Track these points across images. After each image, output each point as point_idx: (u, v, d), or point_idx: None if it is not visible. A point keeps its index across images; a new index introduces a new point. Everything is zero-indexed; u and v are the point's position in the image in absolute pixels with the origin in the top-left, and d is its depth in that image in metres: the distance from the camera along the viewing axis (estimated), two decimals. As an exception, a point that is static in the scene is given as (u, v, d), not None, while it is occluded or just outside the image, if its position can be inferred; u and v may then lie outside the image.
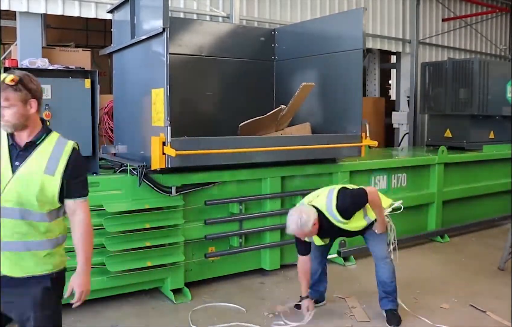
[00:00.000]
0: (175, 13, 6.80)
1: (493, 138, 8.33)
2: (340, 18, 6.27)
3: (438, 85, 8.44)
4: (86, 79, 4.61)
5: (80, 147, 2.81)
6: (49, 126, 3.91)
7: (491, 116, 8.19)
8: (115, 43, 5.47)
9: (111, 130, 5.85)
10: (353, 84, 5.56)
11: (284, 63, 6.66)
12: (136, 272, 4.55)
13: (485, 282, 5.37)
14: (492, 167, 7.86)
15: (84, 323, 4.30)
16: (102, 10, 6.27)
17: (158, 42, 4.42)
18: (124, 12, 5.20)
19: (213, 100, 6.35)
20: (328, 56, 5.86)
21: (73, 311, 4.45)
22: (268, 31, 6.89)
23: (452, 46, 10.58)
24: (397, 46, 9.55)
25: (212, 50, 6.35)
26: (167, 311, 4.54)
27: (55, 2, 6.03)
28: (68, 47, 6.91)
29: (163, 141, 4.32)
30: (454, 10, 10.48)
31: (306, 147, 5.32)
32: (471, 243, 7.01)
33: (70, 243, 2.89)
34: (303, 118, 6.04)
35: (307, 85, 5.53)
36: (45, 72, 4.58)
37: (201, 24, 6.47)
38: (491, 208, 7.83)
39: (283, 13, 7.87)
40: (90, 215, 2.81)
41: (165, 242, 4.69)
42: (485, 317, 4.50)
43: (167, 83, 4.25)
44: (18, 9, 5.89)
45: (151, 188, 4.62)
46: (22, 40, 6.02)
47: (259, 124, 5.49)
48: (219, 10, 7.24)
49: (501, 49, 11.65)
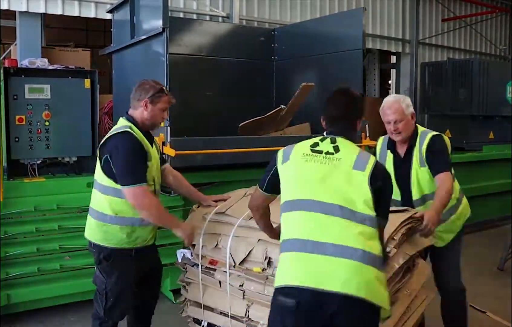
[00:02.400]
0: (175, 13, 6.79)
1: (493, 139, 8.33)
2: (340, 18, 6.28)
3: (438, 85, 8.43)
4: (85, 79, 4.61)
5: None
6: (49, 126, 4.00)
7: (491, 116, 8.18)
8: (114, 43, 5.47)
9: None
10: (353, 84, 5.49)
11: (284, 63, 6.66)
12: (135, 272, 4.54)
13: (485, 283, 5.36)
14: (492, 167, 7.85)
15: (84, 323, 4.29)
16: (102, 10, 6.26)
17: (157, 42, 4.42)
18: (123, 12, 5.20)
19: (213, 100, 6.34)
20: (328, 56, 5.86)
21: (73, 310, 4.47)
22: (268, 31, 6.89)
23: (452, 46, 10.57)
24: (396, 46, 9.55)
25: (212, 50, 6.35)
26: (167, 311, 4.53)
27: (55, 2, 6.02)
28: (68, 47, 6.89)
29: (162, 141, 4.32)
30: (454, 10, 10.48)
31: (306, 147, 5.31)
32: (471, 244, 6.99)
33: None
34: (303, 118, 6.03)
35: (307, 85, 5.53)
36: (44, 72, 4.57)
37: (201, 24, 6.46)
38: (491, 208, 7.83)
39: (283, 13, 7.87)
40: None
41: (165, 242, 4.68)
42: (485, 317, 4.49)
43: (166, 83, 4.25)
44: (17, 9, 5.88)
45: (151, 188, 4.61)
46: (22, 40, 6.01)
47: (259, 124, 5.48)
48: (219, 10, 7.23)
49: (501, 49, 11.64)
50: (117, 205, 2.98)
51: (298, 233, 2.23)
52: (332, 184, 2.23)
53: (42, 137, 4.44)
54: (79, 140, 4.60)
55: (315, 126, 5.98)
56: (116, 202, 2.98)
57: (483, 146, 8.08)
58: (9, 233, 4.13)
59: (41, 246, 4.23)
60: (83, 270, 4.38)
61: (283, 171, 2.40)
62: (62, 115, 4.50)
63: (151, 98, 3.08)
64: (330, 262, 2.13)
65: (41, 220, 4.24)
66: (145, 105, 3.07)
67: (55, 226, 4.26)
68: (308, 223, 2.22)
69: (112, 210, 3.00)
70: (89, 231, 3.14)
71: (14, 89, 4.34)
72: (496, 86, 8.12)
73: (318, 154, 2.31)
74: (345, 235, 2.15)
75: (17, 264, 4.19)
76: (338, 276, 2.11)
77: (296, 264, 2.20)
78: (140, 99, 3.08)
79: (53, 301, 4.39)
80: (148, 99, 3.07)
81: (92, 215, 3.11)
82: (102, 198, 3.02)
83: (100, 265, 3.10)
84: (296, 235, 2.23)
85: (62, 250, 4.29)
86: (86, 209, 4.35)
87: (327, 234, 2.17)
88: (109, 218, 3.01)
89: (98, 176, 3.08)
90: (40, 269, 4.23)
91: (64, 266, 4.31)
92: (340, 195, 2.20)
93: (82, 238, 4.34)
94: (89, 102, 4.63)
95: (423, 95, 8.76)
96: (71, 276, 4.36)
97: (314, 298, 2.12)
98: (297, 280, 2.16)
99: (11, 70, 4.34)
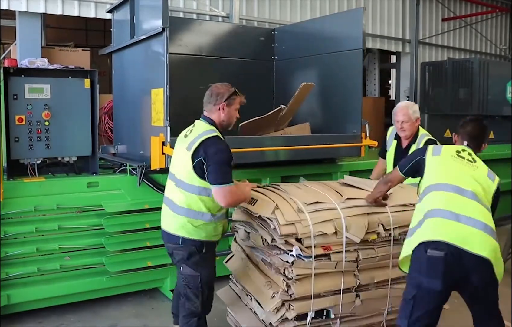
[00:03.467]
0: (174, 13, 6.79)
1: (493, 139, 8.32)
2: (340, 18, 6.26)
3: (438, 85, 8.44)
4: (85, 79, 4.60)
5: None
6: (49, 126, 4.01)
7: (491, 116, 8.18)
8: (114, 43, 5.46)
9: (110, 130, 5.85)
10: (353, 84, 5.55)
11: (284, 63, 6.66)
12: (135, 272, 4.55)
13: (485, 282, 5.35)
14: (492, 168, 7.77)
15: (84, 323, 4.30)
16: (102, 10, 6.26)
17: (157, 42, 4.42)
18: (123, 12, 5.19)
19: (213, 100, 6.33)
20: (328, 56, 5.85)
21: (73, 310, 4.47)
22: (268, 31, 6.88)
23: (452, 46, 10.58)
24: (396, 46, 9.55)
25: (212, 50, 6.34)
26: (167, 311, 4.53)
27: (55, 2, 6.03)
28: (68, 47, 6.90)
29: (162, 141, 4.31)
30: (454, 10, 10.48)
31: (306, 147, 5.30)
32: (471, 243, 6.99)
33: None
34: (303, 118, 6.03)
35: (307, 85, 5.52)
36: (44, 72, 4.56)
37: (201, 24, 6.46)
38: (491, 208, 7.82)
39: (283, 13, 7.87)
40: None
41: (165, 242, 4.69)
42: (485, 317, 4.49)
43: (166, 83, 4.24)
44: (17, 8, 5.89)
45: (150, 188, 4.62)
46: (22, 40, 6.02)
47: (259, 124, 5.47)
48: (219, 10, 7.23)
49: (501, 49, 11.65)
50: (208, 203, 3.28)
51: (442, 204, 2.97)
52: (471, 178, 3.08)
53: (42, 137, 4.43)
54: (79, 140, 4.59)
55: (315, 126, 5.99)
56: (208, 200, 3.27)
57: (483, 146, 8.07)
58: (9, 233, 4.13)
59: (41, 246, 4.23)
60: (83, 270, 4.38)
61: (432, 161, 3.21)
62: (62, 115, 4.49)
63: (227, 101, 3.39)
64: (467, 229, 2.87)
65: (41, 220, 4.24)
66: (222, 109, 3.38)
67: (55, 226, 4.26)
68: (450, 200, 2.99)
69: (204, 208, 3.27)
70: (178, 227, 3.30)
71: (14, 89, 4.33)
72: (496, 86, 8.13)
73: (462, 159, 3.18)
74: (476, 212, 2.95)
75: (17, 264, 4.18)
76: (475, 241, 2.85)
77: (442, 226, 2.91)
78: (217, 103, 3.39)
79: (53, 301, 4.39)
80: (224, 103, 3.38)
81: (179, 212, 3.30)
82: (194, 197, 3.27)
83: (192, 259, 3.30)
84: (440, 206, 2.97)
85: (62, 250, 4.28)
86: (86, 209, 4.41)
87: (464, 208, 2.95)
88: (201, 215, 3.27)
89: (185, 177, 3.29)
90: (40, 269, 4.23)
91: (64, 266, 4.31)
92: (475, 187, 3.04)
93: (82, 238, 4.41)
94: (89, 102, 4.62)
95: (423, 95, 8.76)
96: (70, 276, 4.36)
97: (458, 253, 2.81)
98: (447, 236, 2.85)
99: (11, 70, 4.33)
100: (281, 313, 3.48)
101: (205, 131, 3.31)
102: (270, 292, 3.50)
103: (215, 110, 3.40)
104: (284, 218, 3.42)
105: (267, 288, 3.54)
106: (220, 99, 3.38)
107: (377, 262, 3.72)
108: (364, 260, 3.63)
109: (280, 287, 3.47)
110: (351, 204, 3.69)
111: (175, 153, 3.50)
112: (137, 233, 4.54)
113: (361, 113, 5.49)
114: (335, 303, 3.61)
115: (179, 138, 3.54)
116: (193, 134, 3.35)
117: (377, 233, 3.64)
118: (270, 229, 3.49)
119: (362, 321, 3.82)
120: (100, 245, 4.42)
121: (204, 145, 3.22)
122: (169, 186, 3.44)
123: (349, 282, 3.63)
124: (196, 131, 3.35)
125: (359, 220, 3.60)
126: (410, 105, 4.48)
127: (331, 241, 3.51)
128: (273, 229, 3.43)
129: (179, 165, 3.35)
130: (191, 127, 3.47)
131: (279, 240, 3.40)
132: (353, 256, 3.59)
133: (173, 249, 3.38)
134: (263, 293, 3.56)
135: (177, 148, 3.47)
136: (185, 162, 3.27)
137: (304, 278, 3.46)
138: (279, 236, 3.38)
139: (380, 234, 3.64)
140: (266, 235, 3.53)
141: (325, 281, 3.55)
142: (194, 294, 3.34)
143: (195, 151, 3.23)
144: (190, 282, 3.33)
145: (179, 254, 3.34)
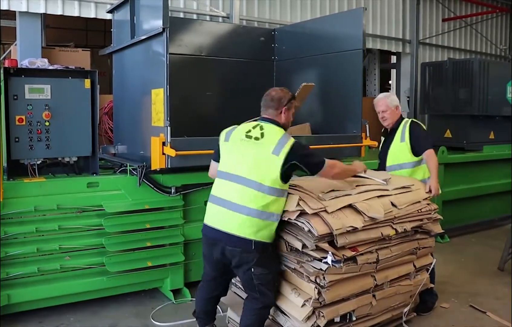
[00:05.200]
0: (175, 13, 6.80)
1: (493, 139, 8.33)
2: (340, 18, 6.26)
3: (438, 85, 8.43)
4: (85, 79, 4.60)
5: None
6: (49, 126, 4.03)
7: (491, 117, 8.17)
8: (115, 43, 5.46)
9: (110, 130, 5.85)
10: (353, 84, 5.55)
11: (284, 63, 6.66)
12: (135, 272, 4.55)
13: (485, 282, 5.37)
14: (492, 168, 7.85)
15: (84, 323, 4.30)
16: (102, 10, 6.26)
17: (158, 42, 4.42)
18: (124, 12, 5.19)
19: (213, 100, 6.34)
20: (328, 56, 5.85)
21: (72, 310, 4.47)
22: (268, 31, 6.89)
23: (452, 46, 10.58)
24: (397, 46, 9.55)
25: (212, 50, 6.34)
26: (167, 311, 4.54)
27: (55, 2, 6.03)
28: (68, 47, 6.90)
29: (163, 141, 4.31)
30: (454, 10, 10.48)
31: (306, 147, 5.31)
32: (471, 244, 7.01)
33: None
34: (303, 118, 6.03)
35: (307, 85, 5.52)
36: (44, 72, 4.56)
37: (201, 24, 6.46)
38: (491, 208, 7.82)
39: (283, 13, 7.87)
40: None
41: (165, 242, 4.69)
42: (485, 317, 4.49)
43: (167, 83, 4.24)
44: (17, 9, 5.89)
45: (151, 188, 4.62)
46: (22, 40, 6.02)
47: (259, 124, 5.48)
48: (219, 10, 7.23)
49: (501, 49, 11.65)
50: (281, 204, 3.43)
51: None
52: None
53: (42, 137, 4.43)
54: (79, 140, 4.59)
55: (315, 126, 5.99)
56: (278, 202, 3.40)
57: (483, 146, 8.08)
58: (9, 233, 4.13)
59: (41, 246, 4.22)
60: (83, 270, 4.38)
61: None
62: (62, 115, 4.49)
63: (288, 105, 3.60)
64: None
65: (41, 220, 4.24)
66: (284, 112, 3.58)
67: (55, 226, 4.26)
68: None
69: (277, 209, 3.41)
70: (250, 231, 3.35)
71: (14, 89, 4.33)
72: (496, 86, 8.12)
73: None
74: None
75: (17, 264, 4.18)
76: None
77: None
78: (279, 108, 3.58)
79: (53, 301, 4.39)
80: (285, 107, 3.59)
81: (251, 214, 3.34)
82: (270, 199, 3.36)
83: (261, 259, 3.38)
84: None
85: (62, 250, 4.28)
86: (86, 209, 4.41)
87: None
88: (272, 215, 3.39)
89: (265, 179, 3.36)
90: (40, 269, 4.23)
91: (64, 266, 4.31)
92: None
93: (82, 238, 4.40)
94: (89, 102, 4.62)
95: (423, 95, 8.75)
96: (71, 276, 4.36)
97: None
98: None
99: (11, 70, 4.33)
100: (312, 321, 3.45)
101: (284, 136, 3.47)
102: (299, 300, 3.46)
103: (277, 113, 3.58)
104: (310, 206, 3.41)
105: (295, 296, 3.50)
106: (281, 104, 3.58)
107: (392, 261, 3.87)
108: (382, 261, 3.77)
109: (309, 295, 3.44)
110: (362, 189, 3.82)
111: (234, 152, 3.51)
112: (137, 233, 4.54)
113: (361, 113, 5.49)
114: (358, 306, 3.68)
115: (238, 137, 3.54)
116: (270, 137, 3.44)
117: (395, 229, 3.79)
118: (300, 233, 3.44)
119: (375, 320, 3.88)
120: (100, 245, 4.42)
121: (292, 150, 3.37)
122: (229, 187, 3.44)
123: (368, 283, 3.74)
124: (271, 135, 3.46)
125: (375, 202, 3.74)
126: (388, 95, 4.77)
127: (359, 239, 3.56)
128: (307, 232, 3.38)
129: (253, 166, 3.38)
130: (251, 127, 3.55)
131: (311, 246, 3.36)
132: (373, 257, 3.70)
133: (240, 252, 3.37)
134: (290, 301, 3.53)
135: (240, 147, 3.49)
136: (268, 165, 3.35)
137: (333, 284, 3.49)
138: (314, 237, 3.34)
139: (397, 230, 3.80)
140: (293, 240, 3.49)
141: (350, 285, 3.62)
142: (268, 289, 3.46)
143: (287, 156, 3.35)
144: (264, 280, 3.42)
145: (249, 257, 3.36)
